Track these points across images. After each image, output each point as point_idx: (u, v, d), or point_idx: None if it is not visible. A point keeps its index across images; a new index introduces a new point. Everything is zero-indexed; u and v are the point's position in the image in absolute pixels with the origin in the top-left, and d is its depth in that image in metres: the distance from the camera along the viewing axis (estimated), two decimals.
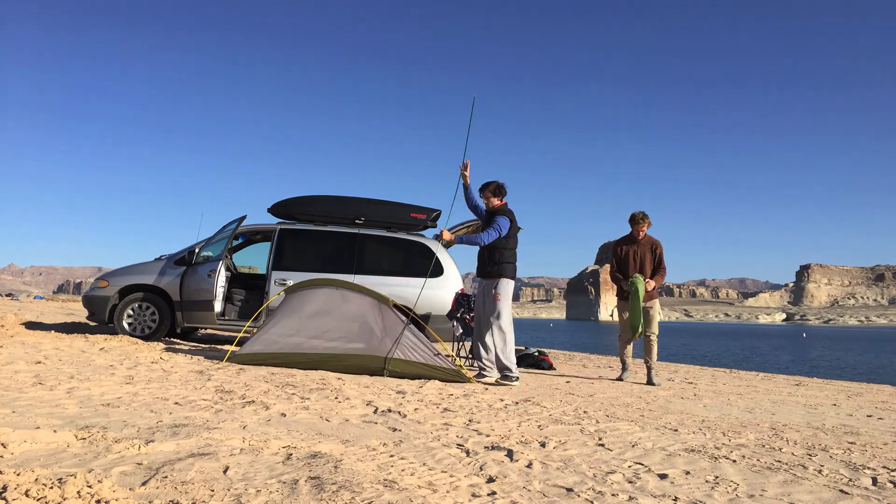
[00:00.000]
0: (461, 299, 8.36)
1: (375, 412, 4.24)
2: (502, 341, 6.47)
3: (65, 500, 2.12)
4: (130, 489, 2.31)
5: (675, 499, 2.66)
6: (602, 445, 3.63)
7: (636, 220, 7.59)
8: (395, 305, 6.39)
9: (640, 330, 7.39)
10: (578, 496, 2.62)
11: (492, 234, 6.44)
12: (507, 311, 6.54)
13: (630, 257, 7.62)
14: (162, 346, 7.54)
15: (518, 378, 6.49)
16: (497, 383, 6.38)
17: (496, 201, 6.72)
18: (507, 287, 6.52)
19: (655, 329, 7.66)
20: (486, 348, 6.59)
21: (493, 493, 2.59)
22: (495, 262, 6.55)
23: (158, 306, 8.41)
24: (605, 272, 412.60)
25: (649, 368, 7.66)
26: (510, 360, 6.47)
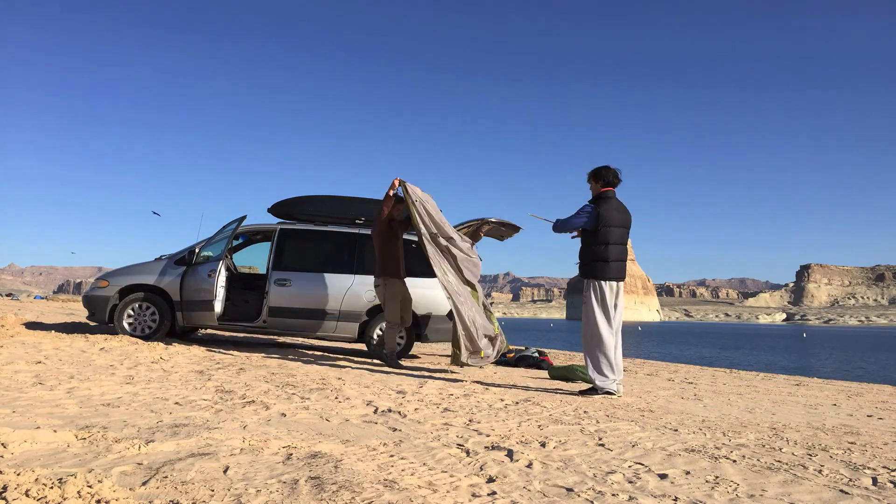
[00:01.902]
0: None
1: (375, 412, 4.24)
2: (592, 349, 5.77)
3: (65, 500, 2.13)
4: (130, 489, 2.31)
5: (676, 499, 2.66)
6: (602, 445, 3.63)
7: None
8: None
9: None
10: (578, 496, 2.62)
11: (573, 221, 5.79)
12: (592, 315, 5.75)
13: None
14: (162, 346, 7.54)
15: (614, 392, 5.71)
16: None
17: (598, 187, 5.96)
18: (590, 288, 5.81)
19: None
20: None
21: (494, 493, 2.59)
22: (584, 260, 5.90)
23: (158, 306, 8.40)
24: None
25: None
26: (598, 370, 5.74)
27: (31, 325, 9.58)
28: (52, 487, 2.19)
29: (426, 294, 8.51)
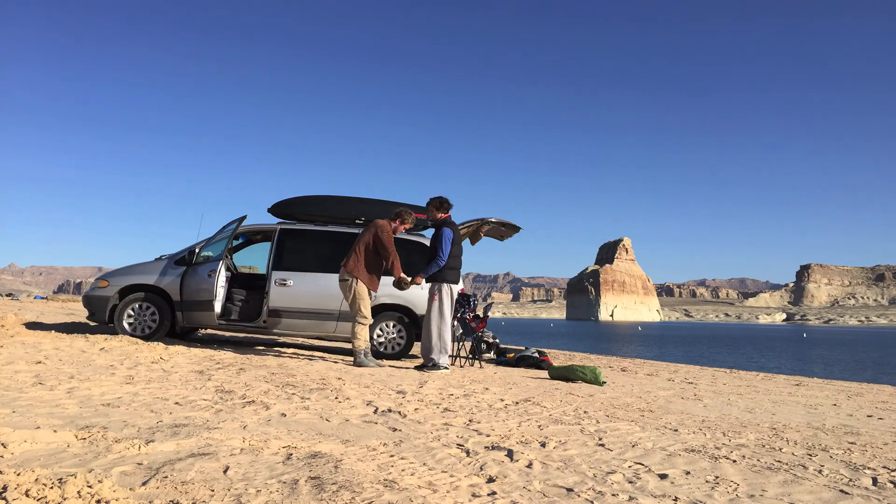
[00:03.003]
0: (461, 299, 8.36)
1: (375, 412, 4.24)
2: (436, 336, 7.32)
3: (65, 500, 2.13)
4: (130, 489, 2.31)
5: (676, 499, 2.67)
6: (602, 445, 3.63)
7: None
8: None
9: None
10: (578, 496, 2.63)
11: (444, 252, 7.31)
12: (441, 310, 7.33)
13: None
14: (162, 346, 7.54)
15: (446, 368, 7.33)
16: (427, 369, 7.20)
17: (439, 214, 7.53)
18: (445, 290, 7.37)
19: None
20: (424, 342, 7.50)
21: (494, 493, 2.60)
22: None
23: (159, 306, 8.40)
24: (605, 272, 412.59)
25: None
26: (444, 352, 7.36)
27: (31, 325, 9.58)
28: (52, 487, 2.19)
29: (425, 294, 8.52)
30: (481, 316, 8.60)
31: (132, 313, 8.42)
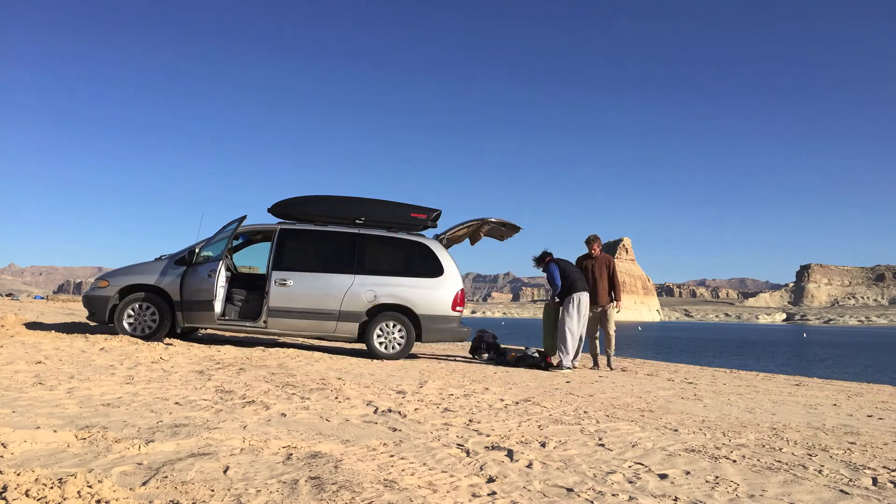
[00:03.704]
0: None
1: (375, 412, 4.24)
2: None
3: (65, 500, 2.13)
4: (130, 489, 2.31)
5: (676, 499, 2.67)
6: (602, 445, 3.63)
7: (589, 241, 9.43)
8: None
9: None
10: (578, 496, 2.63)
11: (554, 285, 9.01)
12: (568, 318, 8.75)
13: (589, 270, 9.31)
14: (162, 346, 7.54)
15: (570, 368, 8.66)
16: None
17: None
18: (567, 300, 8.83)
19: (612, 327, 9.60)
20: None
21: (494, 493, 2.60)
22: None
23: (159, 306, 8.40)
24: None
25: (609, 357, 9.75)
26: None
27: (31, 325, 9.57)
28: (52, 487, 2.20)
29: (426, 294, 8.52)
30: None
31: (132, 313, 8.42)
